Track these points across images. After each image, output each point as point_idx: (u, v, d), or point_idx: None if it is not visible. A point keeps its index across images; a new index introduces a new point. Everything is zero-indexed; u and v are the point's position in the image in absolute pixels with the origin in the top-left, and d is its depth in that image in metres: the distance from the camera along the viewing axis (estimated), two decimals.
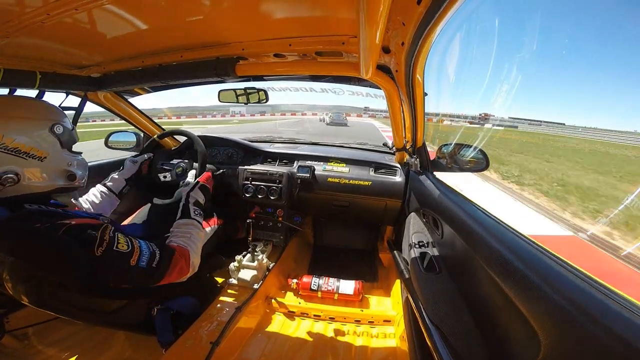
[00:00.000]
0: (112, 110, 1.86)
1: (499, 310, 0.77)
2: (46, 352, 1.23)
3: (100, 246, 0.82)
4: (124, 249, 0.88)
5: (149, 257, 0.92)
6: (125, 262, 0.87)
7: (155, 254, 0.95)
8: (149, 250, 0.94)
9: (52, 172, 0.94)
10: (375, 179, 1.86)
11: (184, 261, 1.03)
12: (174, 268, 0.99)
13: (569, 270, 0.61)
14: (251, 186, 1.92)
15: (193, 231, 1.15)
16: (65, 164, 0.97)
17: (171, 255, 0.99)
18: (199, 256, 1.13)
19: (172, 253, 1.00)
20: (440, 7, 0.59)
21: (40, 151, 0.89)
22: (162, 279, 0.96)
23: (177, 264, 1.00)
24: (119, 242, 0.88)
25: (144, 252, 0.92)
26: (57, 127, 0.94)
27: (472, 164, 1.51)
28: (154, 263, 0.93)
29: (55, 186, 0.96)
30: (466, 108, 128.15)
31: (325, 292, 1.69)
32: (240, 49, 1.14)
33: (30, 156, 0.87)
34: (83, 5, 0.80)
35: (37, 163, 0.89)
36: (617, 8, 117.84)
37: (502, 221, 0.91)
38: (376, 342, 1.45)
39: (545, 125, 41.73)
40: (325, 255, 2.31)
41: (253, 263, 1.68)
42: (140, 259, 0.90)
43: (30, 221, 0.80)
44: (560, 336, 0.52)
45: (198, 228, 1.19)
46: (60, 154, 0.95)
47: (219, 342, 1.20)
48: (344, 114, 25.62)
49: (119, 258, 0.86)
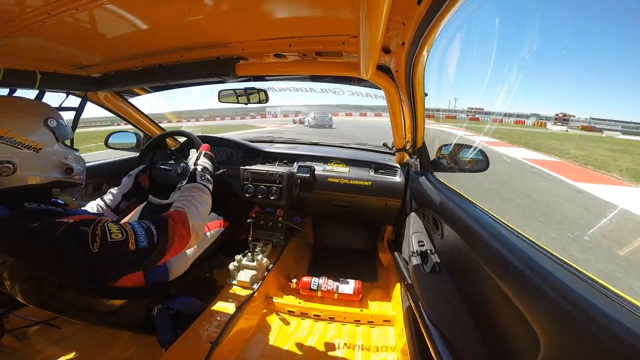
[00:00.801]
0: (112, 110, 1.86)
1: (499, 310, 0.77)
2: (46, 352, 1.23)
3: (95, 242, 0.79)
4: (119, 237, 0.84)
5: (145, 235, 0.88)
6: (125, 250, 0.84)
7: (151, 229, 0.90)
8: (143, 228, 0.89)
9: (48, 164, 0.96)
10: (375, 179, 1.86)
11: (181, 227, 0.97)
12: (174, 237, 0.94)
13: (569, 270, 0.61)
14: (251, 186, 1.92)
15: (196, 194, 1.11)
16: (61, 157, 0.99)
17: (166, 225, 0.94)
18: (201, 220, 1.07)
19: (166, 222, 0.95)
20: (441, 7, 0.59)
21: (35, 142, 0.91)
22: (167, 251, 0.92)
23: (175, 232, 0.94)
24: (111, 232, 0.83)
25: (139, 232, 0.88)
26: (51, 120, 0.96)
27: (472, 164, 1.51)
28: (155, 239, 0.89)
29: (53, 179, 0.97)
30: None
31: (325, 292, 1.69)
32: (241, 49, 1.14)
33: (26, 147, 0.89)
34: (83, 5, 0.80)
35: (33, 154, 0.91)
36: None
37: (502, 221, 0.91)
38: (376, 342, 1.45)
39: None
40: (325, 255, 2.31)
41: (253, 263, 1.68)
42: (139, 240, 0.86)
43: (29, 220, 0.80)
44: (560, 336, 0.52)
45: (203, 191, 1.14)
46: (55, 147, 0.98)
47: (219, 342, 1.20)
48: (330, 114, 22.84)
49: (118, 248, 0.83)
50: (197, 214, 1.05)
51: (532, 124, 32.82)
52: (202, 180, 1.18)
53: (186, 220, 1.00)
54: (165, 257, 0.93)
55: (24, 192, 0.90)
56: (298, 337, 1.47)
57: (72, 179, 1.02)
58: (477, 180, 5.16)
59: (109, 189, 1.46)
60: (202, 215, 1.09)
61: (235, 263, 1.68)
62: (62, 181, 1.00)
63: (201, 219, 1.07)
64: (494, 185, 5.56)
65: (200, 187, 1.15)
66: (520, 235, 0.80)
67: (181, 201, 1.07)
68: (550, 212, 4.47)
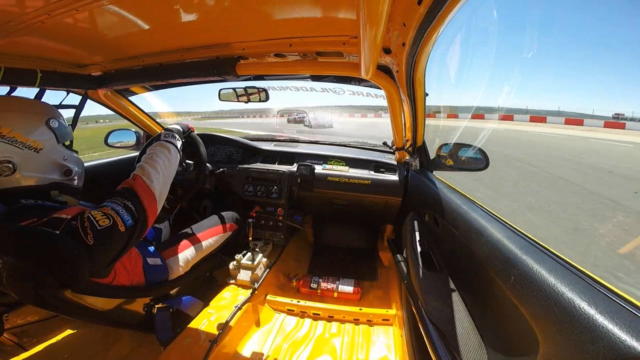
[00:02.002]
0: (112, 108, 1.86)
1: (499, 309, 0.77)
2: (45, 350, 1.24)
3: (88, 234, 0.78)
4: (107, 223, 0.82)
5: (126, 212, 0.87)
6: (116, 234, 0.83)
7: (129, 206, 0.88)
8: (122, 207, 0.87)
9: (48, 164, 0.96)
10: (375, 178, 1.86)
11: (145, 194, 0.94)
12: (147, 204, 0.92)
13: (569, 269, 0.61)
14: (251, 185, 1.92)
15: (154, 150, 1.09)
16: (61, 158, 0.99)
17: (136, 196, 0.92)
18: (161, 175, 1.03)
19: (135, 193, 0.92)
20: (441, 7, 0.59)
21: (37, 142, 0.91)
22: (147, 219, 0.91)
23: (143, 199, 0.93)
24: (97, 219, 0.81)
25: (121, 212, 0.86)
26: (53, 121, 0.97)
27: (472, 163, 1.52)
28: (135, 213, 0.88)
29: (51, 180, 0.97)
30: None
31: (324, 290, 1.70)
32: (241, 48, 1.14)
33: (27, 147, 0.89)
34: (83, 6, 0.80)
35: (33, 154, 0.91)
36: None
37: (502, 220, 0.91)
38: (375, 341, 1.45)
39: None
40: (325, 254, 2.31)
41: (253, 262, 1.68)
42: (124, 219, 0.85)
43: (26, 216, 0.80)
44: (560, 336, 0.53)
45: (164, 147, 1.12)
46: (55, 148, 0.98)
47: (218, 340, 1.20)
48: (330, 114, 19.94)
49: (109, 234, 0.82)
50: (156, 172, 1.02)
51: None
52: (165, 138, 1.19)
53: (145, 185, 0.97)
54: (148, 226, 0.93)
55: (22, 193, 0.89)
56: (297, 336, 1.47)
57: (70, 181, 1.02)
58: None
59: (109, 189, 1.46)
60: (163, 170, 1.06)
61: (235, 262, 1.68)
62: (61, 183, 0.99)
63: (158, 182, 1.02)
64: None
65: (163, 143, 1.15)
66: (521, 234, 0.80)
67: (141, 162, 1.04)
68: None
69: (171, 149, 1.16)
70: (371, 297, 1.74)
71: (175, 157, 1.17)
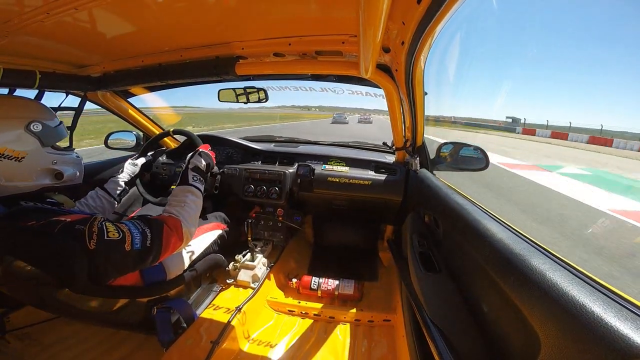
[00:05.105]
0: (111, 110, 1.86)
1: (499, 309, 0.77)
2: (46, 352, 1.23)
3: (92, 239, 0.79)
4: (116, 236, 0.83)
5: (141, 237, 0.89)
6: (120, 250, 0.84)
7: (146, 233, 0.91)
8: (139, 230, 0.90)
9: (34, 172, 0.90)
10: (375, 178, 1.85)
11: (175, 234, 0.99)
12: (168, 242, 0.95)
13: (569, 270, 0.61)
14: (251, 186, 1.92)
15: (188, 199, 1.12)
16: (49, 163, 0.93)
17: (161, 230, 0.95)
18: (194, 224, 1.09)
19: (161, 227, 0.96)
20: (440, 6, 0.59)
21: (17, 152, 0.84)
22: (159, 256, 0.94)
23: (169, 239, 0.96)
24: (108, 230, 0.83)
25: (135, 234, 0.88)
26: (35, 125, 0.88)
27: (472, 162, 1.52)
28: (148, 242, 0.90)
29: (42, 186, 0.93)
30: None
31: (325, 291, 1.69)
32: (240, 48, 1.14)
33: (6, 157, 0.83)
34: (83, 5, 0.79)
35: (15, 164, 0.85)
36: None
37: (502, 220, 0.91)
38: (376, 341, 1.45)
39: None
40: (326, 254, 2.30)
41: (253, 263, 1.68)
42: (134, 241, 0.86)
43: (26, 218, 0.79)
44: (560, 336, 0.52)
45: (195, 195, 1.16)
46: (41, 153, 0.91)
47: (219, 341, 1.20)
48: (346, 113, 22.22)
49: (113, 247, 0.83)
50: (189, 219, 1.07)
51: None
52: (194, 182, 1.19)
53: (180, 228, 1.01)
54: (158, 260, 0.95)
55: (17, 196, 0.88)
56: (298, 336, 1.47)
57: (63, 184, 0.99)
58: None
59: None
60: (194, 219, 1.11)
61: (235, 263, 1.68)
62: (53, 187, 0.96)
63: (194, 225, 1.09)
64: None
65: (192, 189, 1.16)
66: (521, 234, 0.80)
67: (174, 207, 1.08)
68: None
69: (199, 196, 1.19)
70: (372, 297, 1.73)
71: (200, 200, 1.20)
